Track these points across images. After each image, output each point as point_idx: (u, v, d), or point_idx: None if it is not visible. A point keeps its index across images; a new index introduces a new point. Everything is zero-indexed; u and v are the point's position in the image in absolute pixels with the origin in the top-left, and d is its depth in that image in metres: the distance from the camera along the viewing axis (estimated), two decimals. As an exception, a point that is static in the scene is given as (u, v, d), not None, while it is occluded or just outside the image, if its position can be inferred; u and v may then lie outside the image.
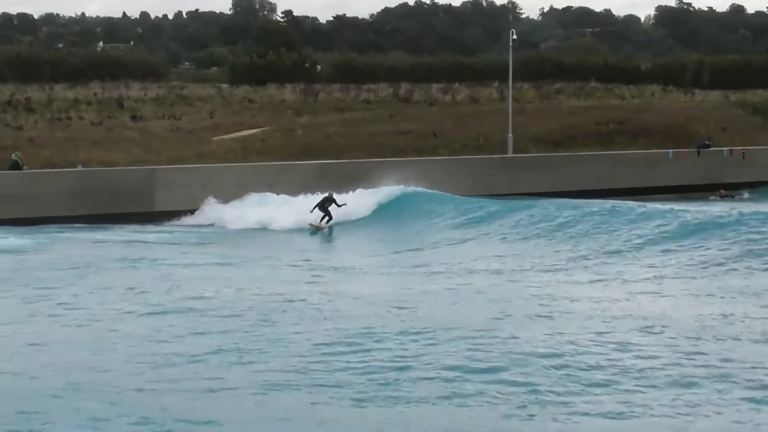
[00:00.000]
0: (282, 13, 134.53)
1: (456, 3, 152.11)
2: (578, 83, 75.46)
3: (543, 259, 28.92)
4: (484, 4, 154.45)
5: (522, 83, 70.73)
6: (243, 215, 39.73)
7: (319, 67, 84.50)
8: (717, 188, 48.52)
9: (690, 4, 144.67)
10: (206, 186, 40.87)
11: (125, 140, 49.96)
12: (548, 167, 47.13)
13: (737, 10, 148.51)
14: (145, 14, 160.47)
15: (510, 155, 48.52)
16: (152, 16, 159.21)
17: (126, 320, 20.59)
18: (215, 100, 65.59)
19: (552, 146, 51.50)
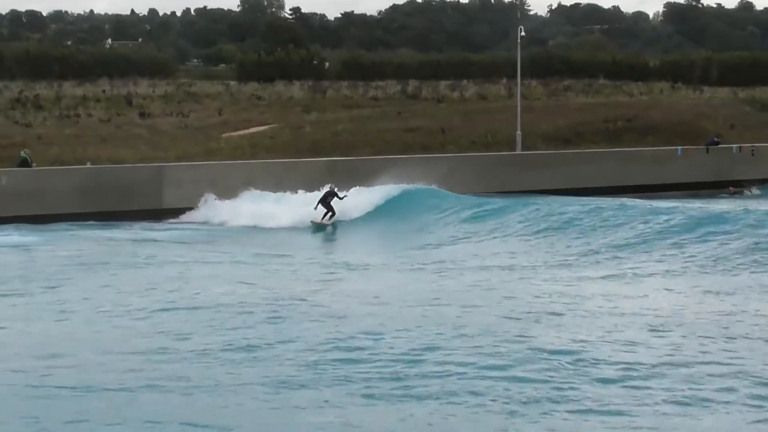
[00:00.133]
0: (290, 10, 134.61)
1: (464, 0, 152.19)
2: (587, 80, 75.31)
3: (553, 256, 28.91)
4: (493, 1, 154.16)
5: (530, 80, 70.62)
6: (240, 213, 39.23)
7: (328, 64, 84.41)
8: (726, 185, 48.41)
9: (699, 1, 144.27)
10: (214, 183, 40.83)
11: (133, 137, 49.97)
12: (557, 164, 47.05)
13: (746, 7, 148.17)
14: (154, 11, 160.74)
15: (518, 152, 48.44)
16: (160, 13, 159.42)
17: (135, 318, 20.61)
18: (223, 97, 65.58)
19: (560, 143, 51.41)
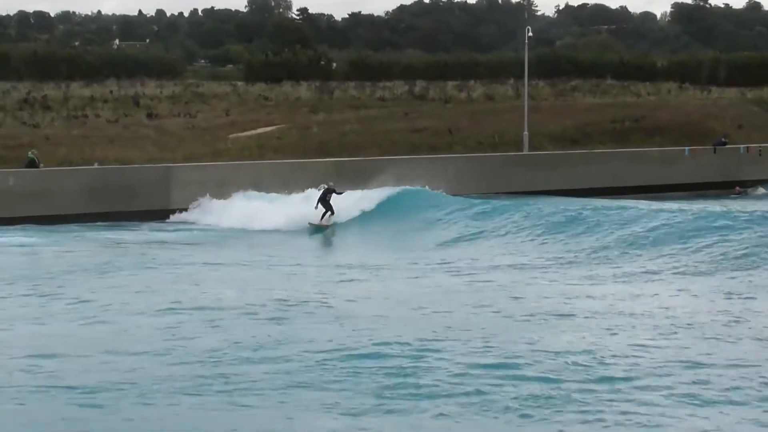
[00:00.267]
0: (297, 11, 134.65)
1: (471, 0, 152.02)
2: (594, 81, 75.17)
3: (560, 255, 28.95)
4: (500, 2, 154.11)
5: (537, 80, 70.53)
6: (233, 214, 38.89)
7: (335, 65, 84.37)
8: (733, 186, 48.36)
9: (706, 1, 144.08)
10: (222, 184, 40.90)
11: (141, 138, 50.04)
12: (564, 165, 47.05)
13: (754, 7, 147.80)
14: (161, 12, 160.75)
15: (526, 153, 48.45)
16: (168, 14, 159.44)
17: (141, 319, 20.65)
18: (231, 98, 65.60)
19: (568, 144, 51.40)
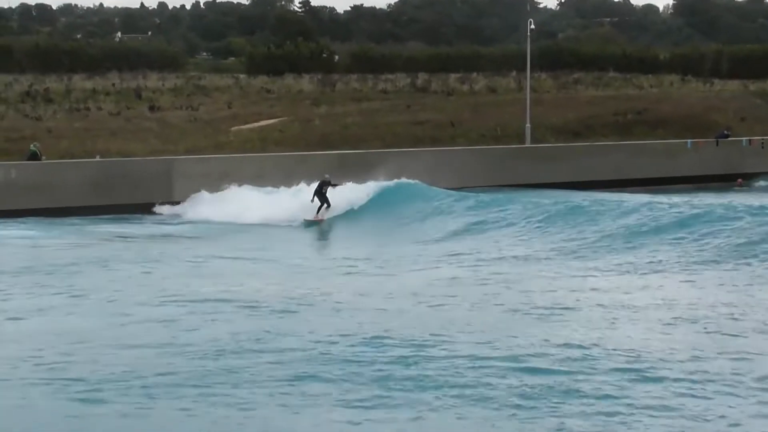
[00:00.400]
0: (300, 3, 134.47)
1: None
2: (596, 73, 75.15)
3: (564, 246, 28.97)
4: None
5: (540, 73, 70.48)
6: (226, 207, 38.57)
7: (337, 58, 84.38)
8: (736, 178, 48.31)
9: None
10: (224, 177, 40.84)
11: (143, 131, 50.06)
12: (566, 158, 47.01)
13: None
14: (163, 4, 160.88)
15: (528, 145, 48.43)
16: (170, 7, 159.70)
17: (143, 312, 20.67)
18: (233, 91, 65.63)
19: (570, 136, 51.38)
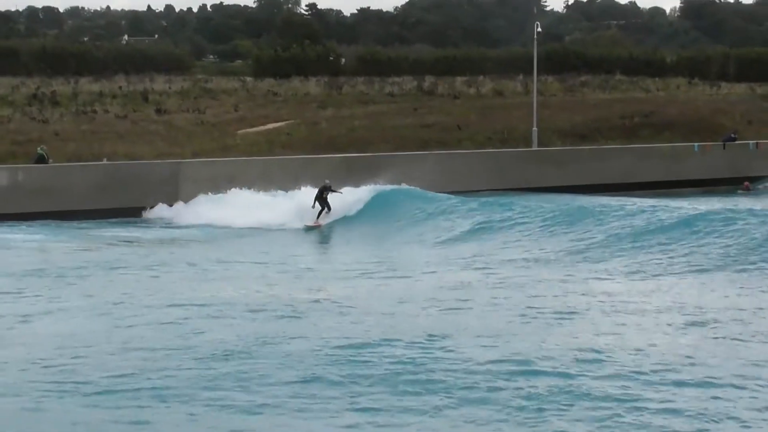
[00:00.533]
0: (306, 6, 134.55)
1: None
2: (603, 76, 75.06)
3: (569, 249, 28.96)
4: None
5: (547, 76, 70.47)
6: (225, 211, 38.42)
7: (344, 60, 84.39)
8: (743, 182, 48.25)
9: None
10: (231, 180, 40.91)
11: (150, 133, 50.09)
12: (573, 161, 47.00)
13: (764, 3, 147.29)
14: (170, 7, 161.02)
15: (535, 149, 48.41)
16: (177, 9, 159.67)
17: (151, 315, 20.69)
18: (240, 93, 65.62)
19: (577, 139, 51.36)
